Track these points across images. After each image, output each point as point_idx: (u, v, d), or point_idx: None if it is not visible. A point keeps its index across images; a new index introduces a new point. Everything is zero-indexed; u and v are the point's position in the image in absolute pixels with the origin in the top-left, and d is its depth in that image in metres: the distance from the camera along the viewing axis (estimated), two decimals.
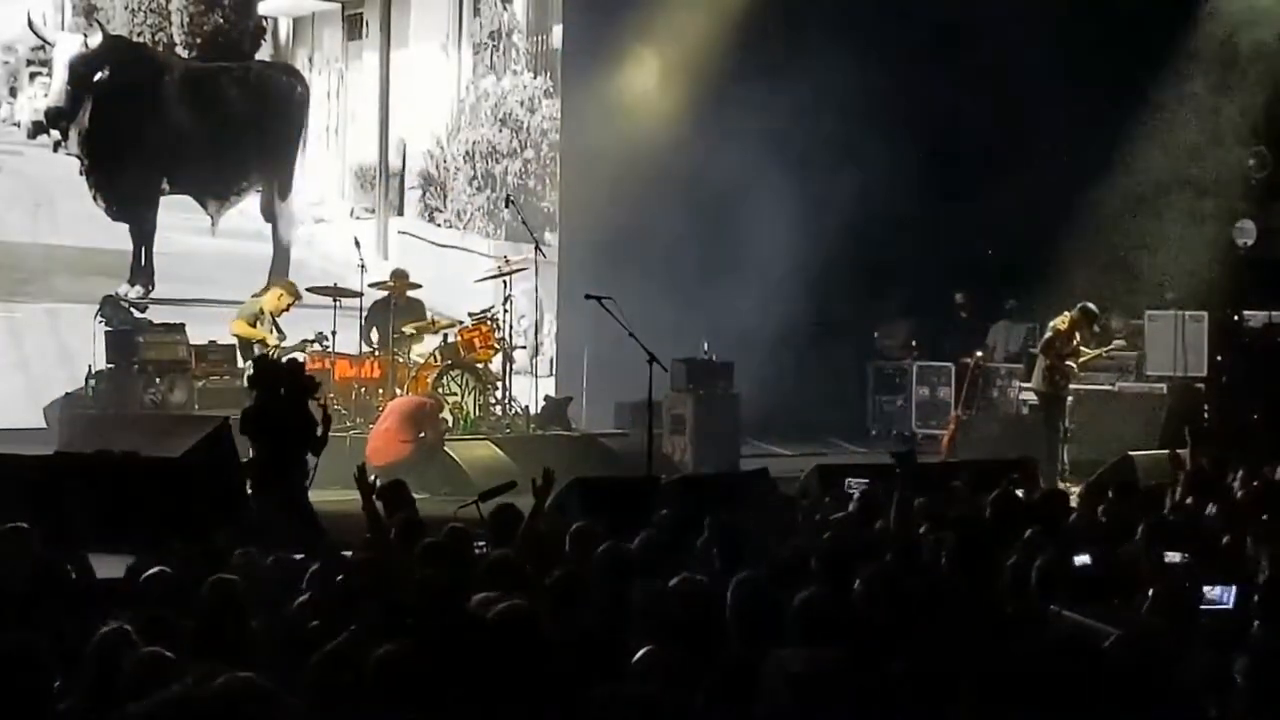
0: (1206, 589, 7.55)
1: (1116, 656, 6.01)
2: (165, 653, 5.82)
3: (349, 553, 8.56)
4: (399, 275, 18.69)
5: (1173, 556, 8.42)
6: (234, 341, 18.10)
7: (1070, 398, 18.37)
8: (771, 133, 20.08)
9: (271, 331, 17.11)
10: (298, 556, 8.52)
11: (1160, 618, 7.17)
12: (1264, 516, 10.01)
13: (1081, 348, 18.05)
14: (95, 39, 19.78)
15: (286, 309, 17.35)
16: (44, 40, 19.83)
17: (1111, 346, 19.08)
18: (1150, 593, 7.43)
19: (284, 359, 13.12)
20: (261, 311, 16.97)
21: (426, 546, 8.25)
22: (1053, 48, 20.31)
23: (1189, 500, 10.96)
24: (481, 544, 9.04)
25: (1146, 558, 8.51)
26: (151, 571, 7.57)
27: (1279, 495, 10.80)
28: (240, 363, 17.46)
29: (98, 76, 19.70)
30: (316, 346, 17.72)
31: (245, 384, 12.94)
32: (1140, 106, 20.60)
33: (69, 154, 19.71)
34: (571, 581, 7.33)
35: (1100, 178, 20.57)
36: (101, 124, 19.66)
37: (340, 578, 7.54)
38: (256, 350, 16.34)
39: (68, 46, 19.71)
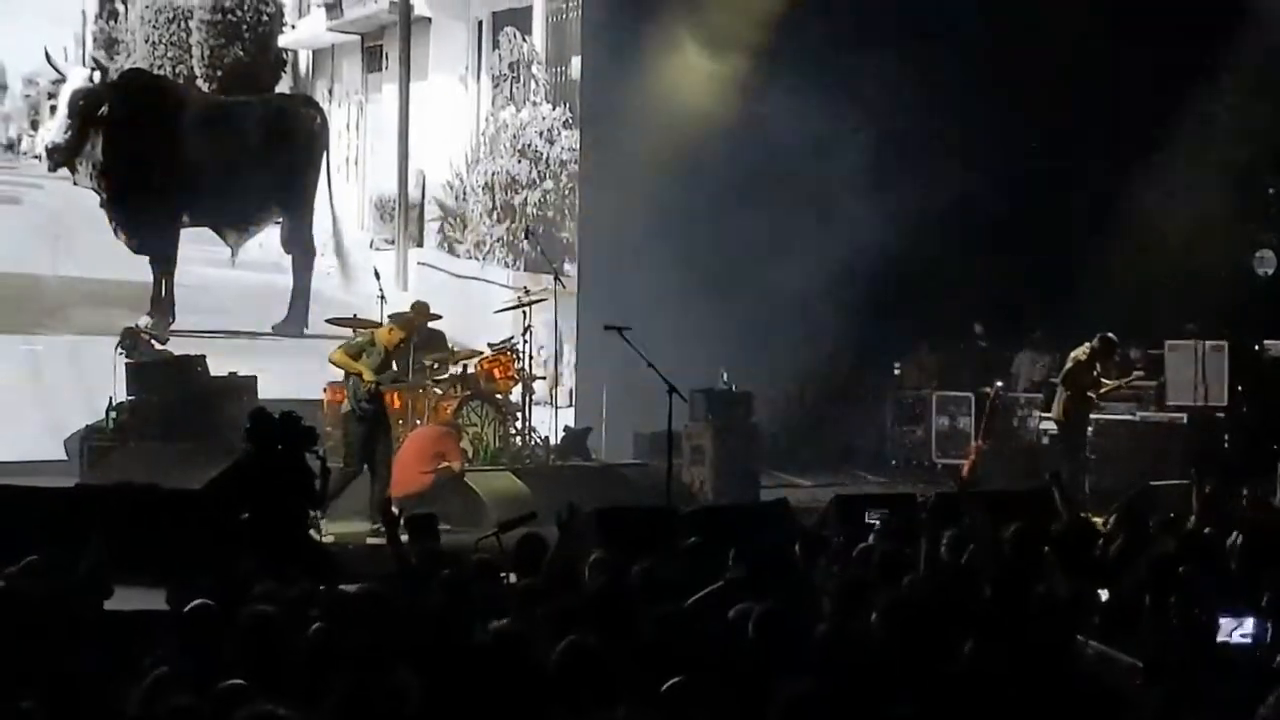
0: (1223, 620, 7.52)
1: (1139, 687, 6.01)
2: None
3: (354, 586, 8.53)
4: (420, 307, 18.59)
5: None
6: (254, 374, 18.14)
7: (1090, 427, 18.36)
8: (792, 166, 20.05)
9: (386, 366, 16.45)
10: (320, 588, 8.53)
11: (1179, 648, 7.15)
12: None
13: (1102, 379, 18.04)
14: (99, 74, 19.91)
15: (399, 344, 16.53)
16: (61, 74, 19.96)
17: (1131, 377, 19.03)
18: (1168, 623, 7.42)
19: (279, 412, 12.91)
20: (374, 344, 16.36)
21: (450, 578, 8.24)
22: (1079, 80, 20.32)
23: (1206, 530, 10.90)
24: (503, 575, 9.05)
25: (1160, 588, 8.48)
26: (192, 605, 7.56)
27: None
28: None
29: (101, 111, 19.77)
30: (437, 391, 17.70)
31: (243, 438, 12.76)
32: (1162, 137, 20.54)
33: (85, 186, 19.81)
34: (582, 608, 7.33)
35: (1124, 208, 20.51)
36: (119, 157, 19.75)
37: (351, 609, 7.55)
38: (352, 383, 16.03)
39: (72, 81, 19.85)
